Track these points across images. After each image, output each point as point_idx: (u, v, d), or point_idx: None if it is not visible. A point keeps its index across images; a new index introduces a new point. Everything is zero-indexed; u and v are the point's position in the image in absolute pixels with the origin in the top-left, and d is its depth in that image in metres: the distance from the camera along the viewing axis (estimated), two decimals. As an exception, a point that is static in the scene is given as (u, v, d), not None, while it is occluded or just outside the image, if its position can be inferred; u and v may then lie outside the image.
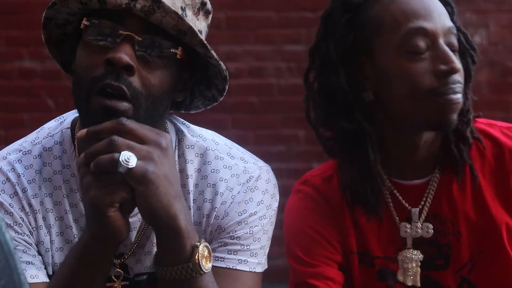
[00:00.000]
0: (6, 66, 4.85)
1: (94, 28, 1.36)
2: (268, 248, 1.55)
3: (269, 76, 4.82)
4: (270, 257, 1.57)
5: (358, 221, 1.65)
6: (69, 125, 1.53)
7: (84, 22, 1.37)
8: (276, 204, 1.57)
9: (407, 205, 1.63)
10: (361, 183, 1.62)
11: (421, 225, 1.62)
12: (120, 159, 1.24)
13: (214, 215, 1.49)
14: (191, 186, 1.50)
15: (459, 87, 1.52)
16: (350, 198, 1.65)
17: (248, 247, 1.49)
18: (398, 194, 1.64)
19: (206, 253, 1.34)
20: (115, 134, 1.27)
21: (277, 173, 5.56)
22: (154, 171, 1.26)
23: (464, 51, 1.59)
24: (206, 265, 1.33)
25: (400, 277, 1.63)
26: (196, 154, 1.52)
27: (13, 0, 4.87)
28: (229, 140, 1.61)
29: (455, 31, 1.55)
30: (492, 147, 1.63)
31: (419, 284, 1.63)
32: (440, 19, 1.54)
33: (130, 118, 1.32)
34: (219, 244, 1.48)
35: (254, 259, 1.49)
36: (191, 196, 1.49)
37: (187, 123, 1.59)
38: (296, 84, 4.86)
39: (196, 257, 1.31)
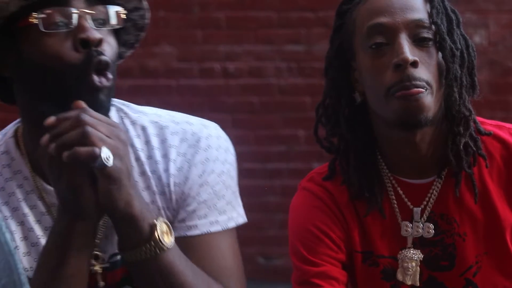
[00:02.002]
0: (6, 66, 4.85)
1: (49, 18, 1.37)
2: (239, 199, 1.56)
3: (269, 76, 4.82)
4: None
5: (363, 219, 1.65)
6: (11, 135, 1.55)
7: (37, 15, 1.37)
8: (232, 157, 1.57)
9: (410, 204, 1.64)
10: (364, 178, 1.63)
11: (423, 225, 1.62)
12: (102, 156, 1.29)
13: (174, 182, 1.49)
14: (144, 158, 1.50)
15: (417, 84, 1.52)
16: (352, 192, 1.65)
17: (215, 206, 1.50)
18: (401, 192, 1.64)
19: (165, 228, 1.38)
20: (82, 123, 1.31)
21: (277, 173, 5.55)
22: (120, 167, 1.33)
23: (440, 44, 1.58)
24: (168, 241, 1.37)
25: (400, 276, 1.63)
26: (142, 128, 1.53)
27: (13, 0, 4.87)
28: (172, 111, 1.60)
29: (425, 23, 1.56)
30: (501, 149, 1.63)
31: (418, 284, 1.62)
32: (402, 13, 1.55)
33: (112, 91, 1.39)
34: (187, 213, 1.49)
35: (223, 216, 1.51)
36: (147, 168, 1.50)
37: (126, 102, 1.59)
38: (296, 84, 4.87)
39: (156, 234, 1.36)
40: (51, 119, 1.33)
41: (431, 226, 1.62)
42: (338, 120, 1.66)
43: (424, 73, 1.53)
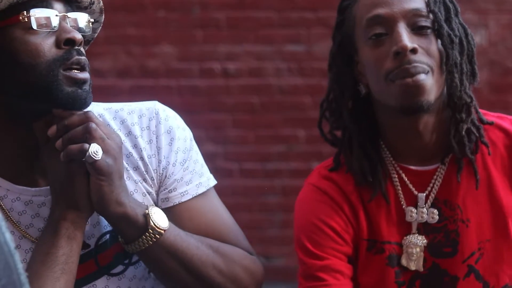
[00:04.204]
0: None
1: (36, 18, 1.43)
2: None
3: (269, 76, 4.82)
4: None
5: (368, 207, 1.68)
6: None
7: (27, 14, 1.42)
8: (185, 125, 1.63)
9: (414, 190, 1.67)
10: (367, 164, 1.67)
11: (427, 210, 1.65)
12: (90, 151, 1.39)
13: (148, 155, 1.55)
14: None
15: (417, 66, 1.56)
16: (356, 179, 1.68)
17: (194, 170, 1.59)
18: (406, 179, 1.67)
19: (158, 214, 1.47)
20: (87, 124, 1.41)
21: (277, 173, 5.52)
22: (112, 165, 1.42)
23: (438, 32, 1.62)
24: (164, 224, 1.46)
25: (404, 261, 1.66)
26: (98, 116, 1.56)
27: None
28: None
29: (422, 12, 1.60)
30: (504, 138, 1.67)
31: (422, 269, 1.65)
32: (400, 4, 1.60)
33: (91, 87, 1.46)
34: (176, 181, 1.56)
35: (203, 178, 1.60)
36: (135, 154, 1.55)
37: None
38: (296, 84, 4.87)
39: (151, 222, 1.45)
40: (59, 110, 1.42)
41: (435, 211, 1.65)
42: (341, 112, 1.69)
43: (424, 57, 1.57)
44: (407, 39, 1.56)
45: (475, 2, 4.66)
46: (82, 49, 1.46)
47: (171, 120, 1.58)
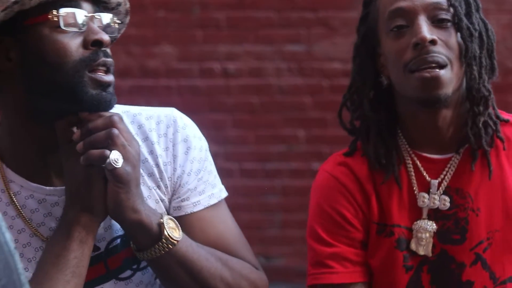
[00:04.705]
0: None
1: (65, 18, 1.43)
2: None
3: (269, 76, 4.82)
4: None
5: (381, 191, 1.71)
6: None
7: (56, 13, 1.42)
8: (201, 135, 1.63)
9: (427, 177, 1.70)
10: (382, 148, 1.70)
11: (439, 197, 1.68)
12: (111, 158, 1.39)
13: (163, 162, 1.55)
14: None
15: (435, 56, 1.61)
16: (370, 162, 1.71)
17: (208, 181, 1.59)
18: (420, 165, 1.71)
19: (172, 224, 1.47)
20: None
21: (277, 173, 5.52)
22: (131, 173, 1.42)
23: (458, 25, 1.66)
24: (177, 235, 1.46)
25: (413, 246, 1.68)
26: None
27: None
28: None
29: (443, 6, 1.65)
30: None
31: (430, 254, 1.68)
32: None
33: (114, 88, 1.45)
34: (189, 190, 1.57)
35: (215, 189, 1.61)
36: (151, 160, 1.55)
37: None
38: (296, 84, 4.87)
39: (165, 232, 1.44)
40: (85, 113, 1.42)
41: (447, 198, 1.68)
42: (362, 102, 1.73)
43: (443, 49, 1.62)
44: (426, 31, 1.61)
45: (475, 2, 4.67)
46: (108, 50, 1.46)
47: (188, 128, 1.58)
